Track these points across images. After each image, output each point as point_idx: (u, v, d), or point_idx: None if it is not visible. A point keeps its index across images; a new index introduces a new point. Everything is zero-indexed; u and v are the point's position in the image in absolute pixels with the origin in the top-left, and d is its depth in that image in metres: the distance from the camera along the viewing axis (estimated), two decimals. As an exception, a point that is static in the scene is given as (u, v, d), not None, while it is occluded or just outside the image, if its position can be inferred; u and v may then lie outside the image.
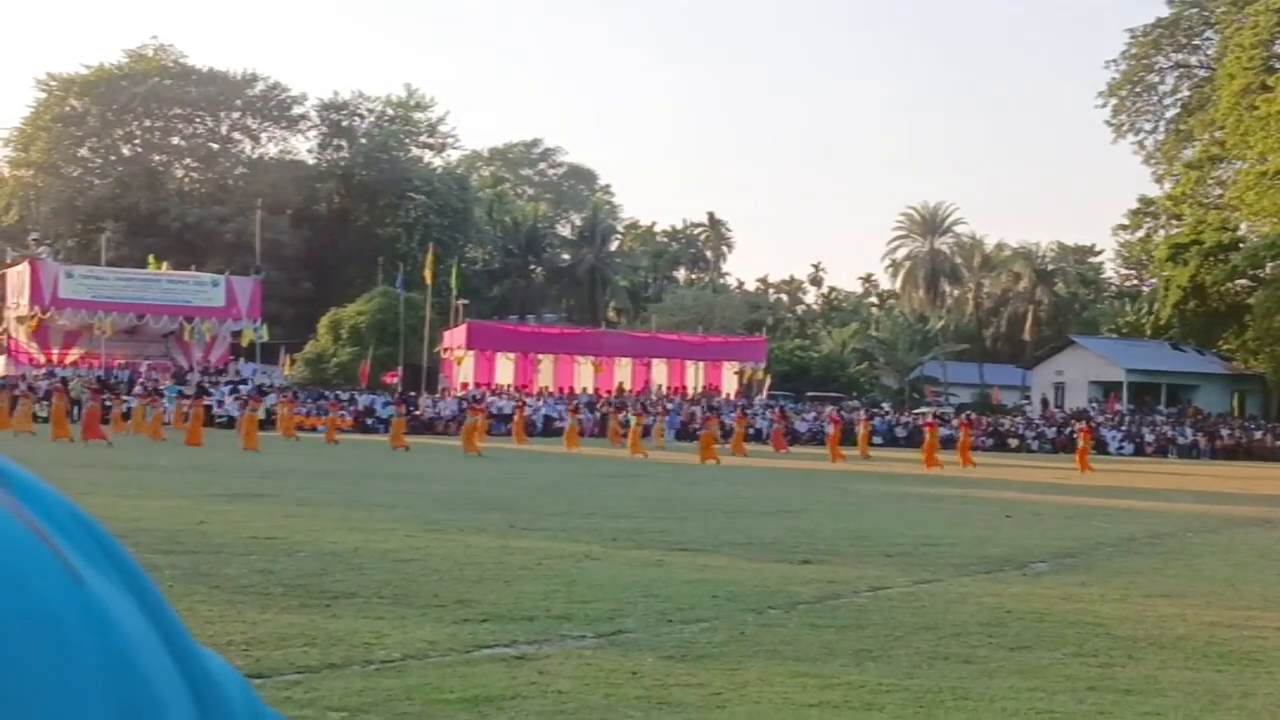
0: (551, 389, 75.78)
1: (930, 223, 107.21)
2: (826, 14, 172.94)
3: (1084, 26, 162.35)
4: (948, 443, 55.57)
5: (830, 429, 52.08)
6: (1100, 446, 64.22)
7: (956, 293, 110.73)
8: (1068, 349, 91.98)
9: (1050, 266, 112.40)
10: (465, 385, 73.39)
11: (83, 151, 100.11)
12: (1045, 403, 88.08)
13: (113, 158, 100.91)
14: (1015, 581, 14.15)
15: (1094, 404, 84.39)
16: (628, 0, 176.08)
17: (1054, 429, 75.01)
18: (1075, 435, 52.56)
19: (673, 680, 8.40)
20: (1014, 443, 72.35)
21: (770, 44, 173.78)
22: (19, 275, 70.89)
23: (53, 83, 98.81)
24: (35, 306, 68.51)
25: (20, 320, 70.14)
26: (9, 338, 71.46)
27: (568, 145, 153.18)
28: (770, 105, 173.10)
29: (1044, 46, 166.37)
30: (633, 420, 50.50)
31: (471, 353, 75.81)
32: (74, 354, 70.50)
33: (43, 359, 69.37)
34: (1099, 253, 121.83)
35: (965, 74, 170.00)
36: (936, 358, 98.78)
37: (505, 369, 77.20)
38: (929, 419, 57.97)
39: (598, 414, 67.15)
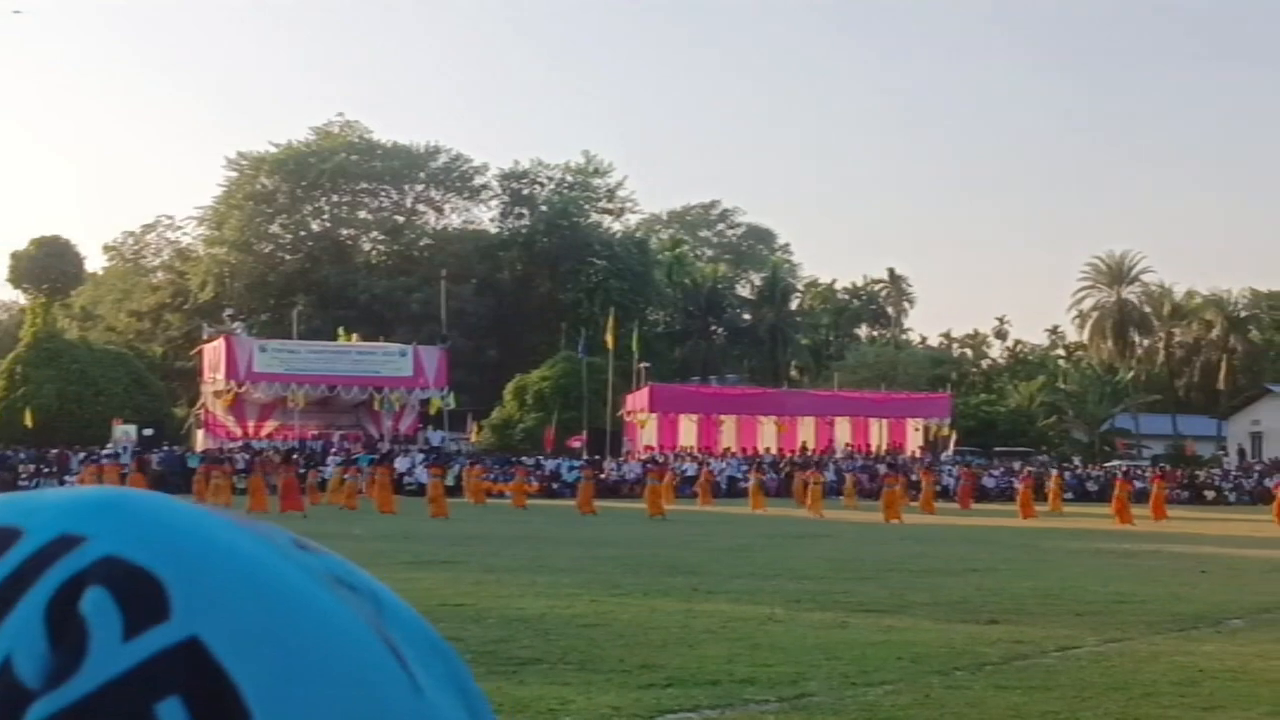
0: (734, 449, 75.72)
1: (1117, 272, 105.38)
2: (1001, 64, 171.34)
3: (1269, 65, 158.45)
4: (1141, 496, 54.43)
5: (1020, 485, 51.45)
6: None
7: (1146, 343, 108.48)
8: (1264, 398, 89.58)
9: (1243, 313, 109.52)
10: (649, 448, 73.64)
11: (274, 228, 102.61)
12: (1242, 453, 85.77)
13: (302, 233, 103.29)
14: (1209, 639, 13.86)
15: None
16: (799, 62, 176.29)
17: (1252, 480, 72.97)
18: (1274, 488, 51.26)
19: (856, 744, 8.40)
20: (1210, 495, 70.55)
21: (946, 98, 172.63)
22: (215, 351, 72.90)
23: (243, 162, 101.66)
24: (231, 381, 70.37)
25: (217, 395, 72.08)
26: (207, 412, 73.46)
27: (745, 205, 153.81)
28: (948, 158, 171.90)
29: (1225, 87, 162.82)
30: (812, 480, 50.26)
31: (654, 415, 76.10)
32: (269, 426, 72.26)
33: (239, 432, 71.22)
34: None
35: (1147, 120, 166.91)
36: (1127, 409, 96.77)
37: (688, 430, 77.37)
38: (1120, 473, 56.78)
39: (782, 474, 66.96)
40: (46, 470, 62.43)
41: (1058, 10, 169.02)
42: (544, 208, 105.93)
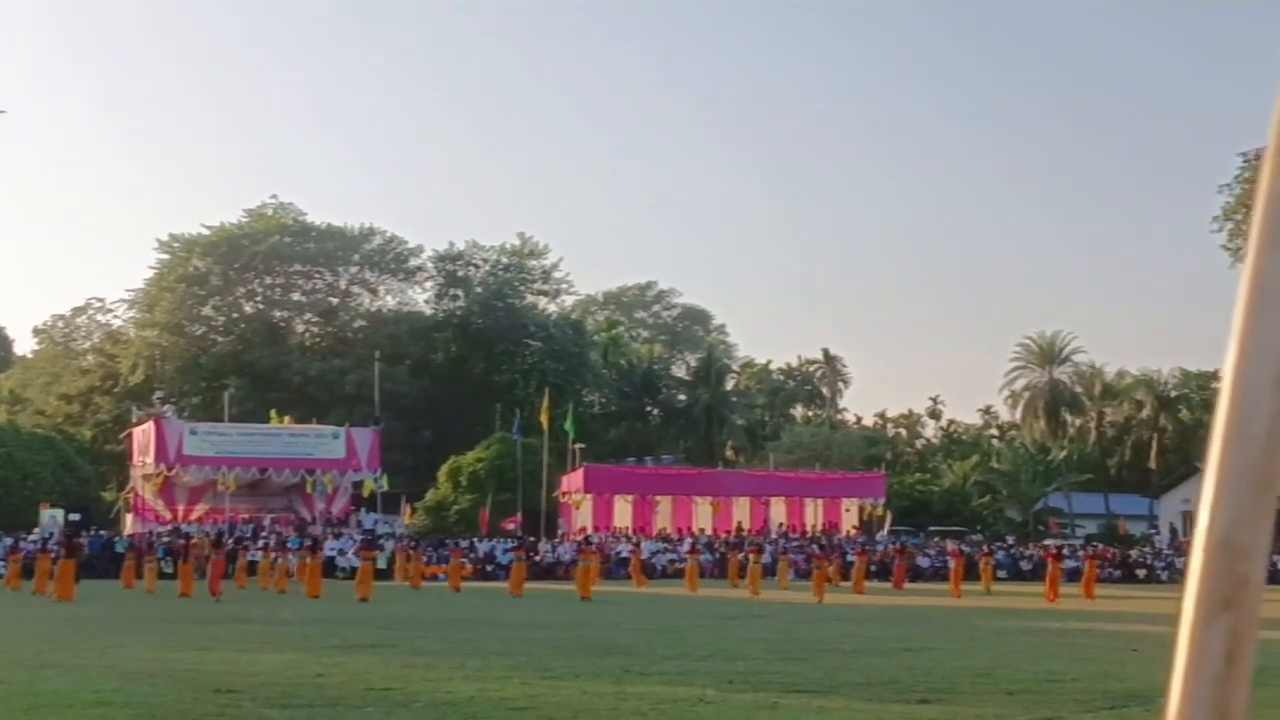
0: (670, 530, 75.58)
1: (1048, 352, 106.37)
2: (933, 147, 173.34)
3: (1196, 151, 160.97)
4: (1073, 575, 54.71)
5: (952, 563, 51.64)
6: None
7: (1078, 422, 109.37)
8: (1195, 476, 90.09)
9: (1173, 393, 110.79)
10: (583, 529, 73.41)
11: (206, 310, 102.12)
12: (1174, 532, 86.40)
13: (235, 315, 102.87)
14: (1140, 717, 13.85)
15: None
16: (733, 141, 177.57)
17: (1183, 558, 73.44)
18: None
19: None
20: (1142, 573, 70.97)
21: (880, 177, 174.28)
22: (145, 434, 72.27)
23: (175, 244, 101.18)
24: (160, 464, 69.74)
25: (146, 478, 71.40)
26: (136, 496, 72.71)
27: (681, 286, 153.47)
28: (881, 239, 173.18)
29: (1154, 171, 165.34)
30: (751, 560, 50.32)
31: (589, 496, 75.92)
32: (199, 510, 71.57)
33: (168, 516, 70.49)
34: (1222, 378, 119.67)
35: (1078, 201, 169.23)
36: (1060, 489, 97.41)
37: (624, 511, 77.19)
38: (1051, 551, 57.13)
39: (716, 554, 66.85)
40: (-30, 556, 61.42)
41: (991, 97, 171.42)
42: (479, 289, 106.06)
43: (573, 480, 76.56)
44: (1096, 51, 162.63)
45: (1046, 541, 78.51)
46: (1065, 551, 62.85)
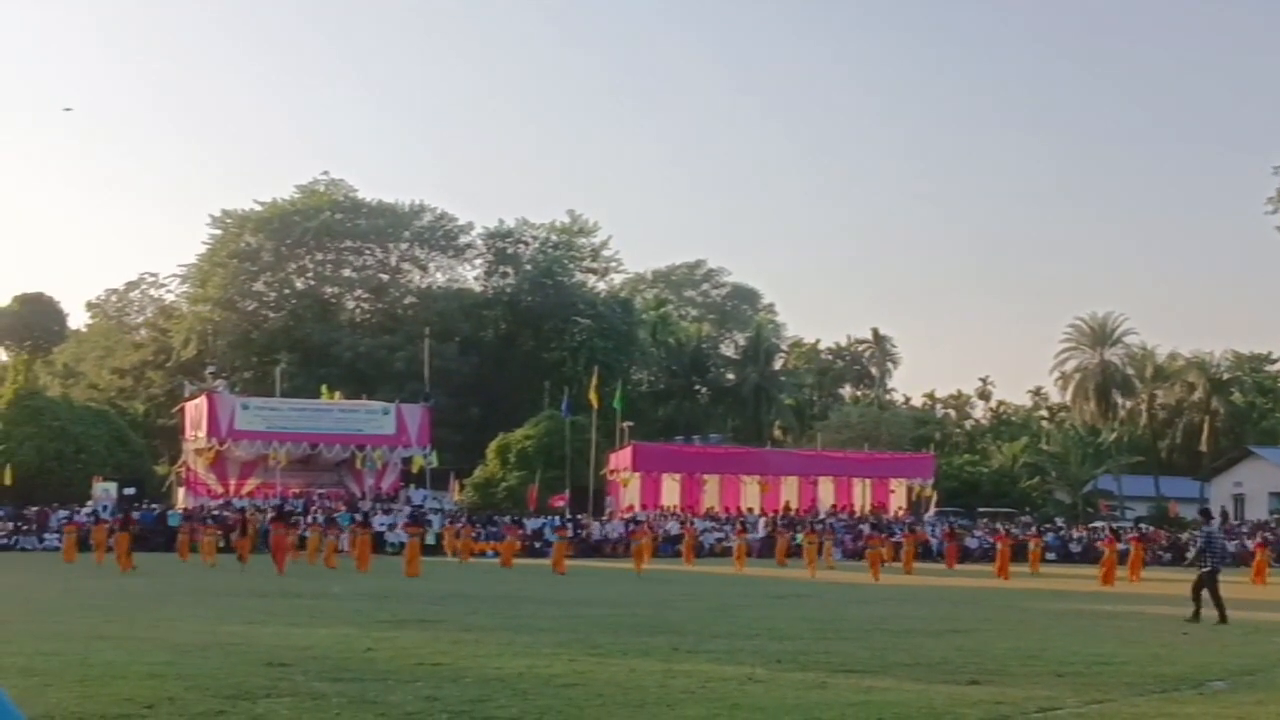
0: (717, 509, 75.53)
1: (1100, 334, 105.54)
2: (986, 126, 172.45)
3: (1251, 131, 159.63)
4: (1123, 558, 54.37)
5: (999, 546, 51.45)
6: (1283, 559, 62.29)
7: (1129, 404, 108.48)
8: (1246, 460, 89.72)
9: (1225, 376, 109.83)
10: (631, 507, 73.47)
11: (258, 286, 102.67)
12: (1225, 515, 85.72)
13: (286, 291, 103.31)
14: (1190, 701, 13.77)
15: (1275, 515, 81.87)
16: (784, 119, 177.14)
17: (1234, 542, 72.81)
18: (1254, 548, 51.34)
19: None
20: (1192, 556, 70.33)
21: (930, 159, 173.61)
22: (197, 408, 72.65)
23: (228, 220, 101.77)
24: (213, 439, 70.09)
25: (199, 452, 71.78)
26: (188, 469, 73.14)
27: (731, 265, 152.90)
28: (932, 219, 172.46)
29: (1209, 153, 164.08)
30: (803, 540, 50.29)
31: (637, 474, 75.92)
32: (250, 484, 71.90)
33: (220, 490, 70.89)
34: (1275, 360, 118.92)
35: (1130, 183, 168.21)
36: (1110, 471, 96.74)
37: (671, 490, 77.18)
38: (1106, 535, 56.74)
39: (764, 533, 66.78)
40: (25, 528, 62.03)
41: (1041, 78, 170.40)
42: (528, 266, 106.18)
43: (621, 458, 76.60)
44: (1152, 29, 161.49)
45: (1096, 523, 78.04)
46: (1116, 533, 62.49)
